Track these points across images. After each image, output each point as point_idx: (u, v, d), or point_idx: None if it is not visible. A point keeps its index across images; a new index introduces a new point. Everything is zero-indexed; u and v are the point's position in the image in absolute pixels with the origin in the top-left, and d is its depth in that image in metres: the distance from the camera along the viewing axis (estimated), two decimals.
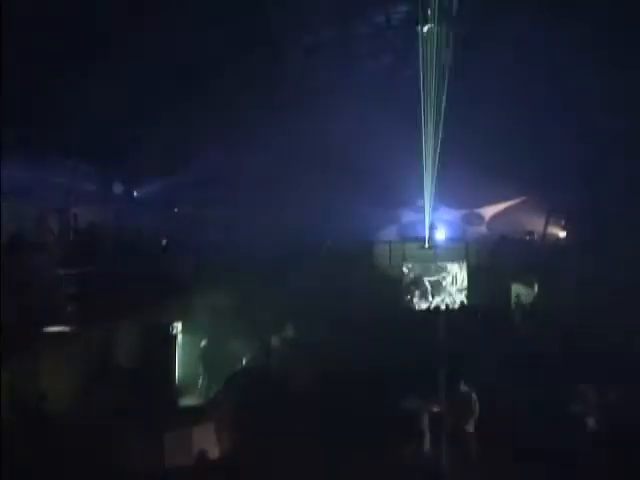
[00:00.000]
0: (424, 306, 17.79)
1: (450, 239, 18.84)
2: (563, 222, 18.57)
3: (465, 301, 17.75)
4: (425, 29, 12.94)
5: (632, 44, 11.96)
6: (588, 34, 12.13)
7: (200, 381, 12.57)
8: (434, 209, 18.14)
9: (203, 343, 12.79)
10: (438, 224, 18.72)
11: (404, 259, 18.36)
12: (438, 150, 15.08)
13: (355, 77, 14.84)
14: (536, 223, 18.67)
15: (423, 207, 17.78)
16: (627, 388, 8.81)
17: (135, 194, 16.26)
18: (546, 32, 12.35)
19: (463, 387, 8.70)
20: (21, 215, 10.74)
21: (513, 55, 13.67)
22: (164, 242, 14.66)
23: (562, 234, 18.59)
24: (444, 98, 13.98)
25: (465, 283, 18.03)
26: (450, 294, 18.11)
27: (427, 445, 8.69)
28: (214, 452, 8.31)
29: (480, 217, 19.81)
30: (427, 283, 18.29)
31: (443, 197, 17.67)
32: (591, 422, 8.21)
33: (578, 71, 13.11)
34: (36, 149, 11.19)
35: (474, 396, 8.57)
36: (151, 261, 12.69)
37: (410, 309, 17.75)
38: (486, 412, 8.58)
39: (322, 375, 10.35)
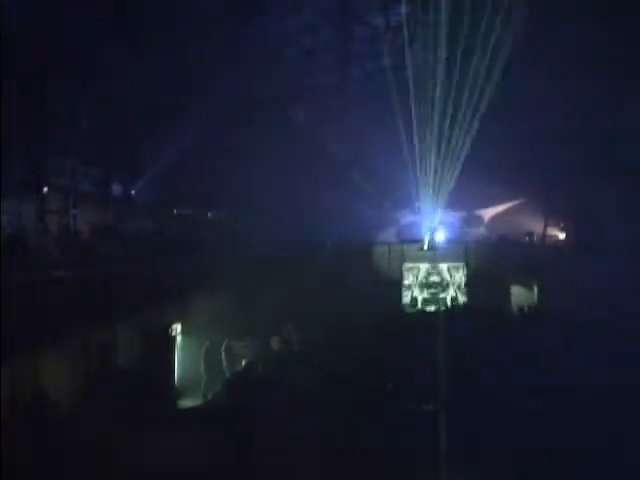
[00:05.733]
0: (423, 307, 17.79)
1: (449, 240, 18.84)
2: (562, 223, 18.62)
3: (464, 302, 17.75)
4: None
5: (633, 45, 12.01)
6: (590, 35, 12.17)
7: (202, 382, 12.57)
8: (433, 211, 18.16)
9: (205, 345, 12.80)
10: (437, 225, 18.73)
11: (403, 260, 18.36)
12: (437, 151, 15.11)
13: (355, 78, 14.88)
14: (535, 224, 18.69)
15: (422, 209, 17.80)
16: (626, 387, 8.82)
17: (134, 195, 16.25)
18: (546, 32, 12.39)
19: None
20: (21, 215, 10.74)
21: (513, 56, 13.69)
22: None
23: (561, 235, 18.64)
24: (444, 99, 14.00)
25: (464, 284, 18.03)
26: (449, 295, 18.10)
27: (427, 444, 8.67)
28: (213, 452, 8.30)
29: (480, 218, 19.83)
30: (426, 284, 18.29)
31: (442, 198, 17.68)
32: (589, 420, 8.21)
33: (579, 72, 13.14)
34: (36, 150, 11.21)
35: None
36: (150, 262, 12.68)
37: (409, 310, 17.74)
38: (486, 412, 8.59)
39: (322, 375, 10.35)
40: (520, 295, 16.72)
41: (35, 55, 9.11)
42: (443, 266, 18.23)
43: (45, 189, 11.80)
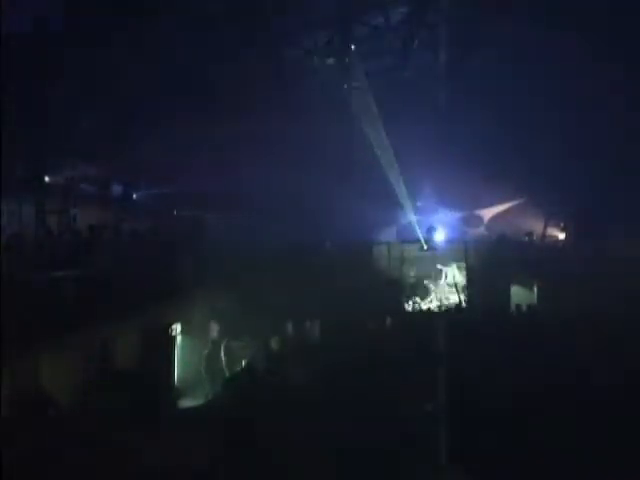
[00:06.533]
0: (423, 307, 17.78)
1: (449, 240, 18.83)
2: (562, 223, 18.63)
3: (464, 302, 17.74)
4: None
5: (632, 43, 12.02)
6: (587, 35, 12.19)
7: (204, 383, 12.59)
8: (433, 210, 18.16)
9: (207, 345, 12.83)
10: (437, 225, 18.73)
11: (403, 260, 18.35)
12: (437, 151, 15.13)
13: (355, 78, 14.88)
14: (535, 224, 18.70)
15: (422, 208, 17.82)
16: (626, 388, 8.81)
17: (134, 195, 16.26)
18: (546, 33, 12.41)
19: None
20: (21, 215, 10.75)
21: (513, 56, 13.72)
22: None
23: (561, 235, 18.65)
24: (443, 99, 14.04)
25: (464, 284, 18.02)
26: (449, 295, 18.10)
27: (427, 446, 8.67)
28: (213, 452, 8.29)
29: (479, 218, 19.83)
30: (426, 284, 18.29)
31: (442, 198, 17.71)
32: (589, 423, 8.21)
33: (578, 71, 13.16)
34: (36, 150, 11.22)
35: None
36: (150, 262, 12.69)
37: (409, 310, 17.73)
38: (485, 412, 8.58)
39: (322, 376, 10.34)
40: (520, 295, 16.71)
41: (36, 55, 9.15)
42: (443, 266, 18.23)
43: (45, 189, 11.83)
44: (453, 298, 17.99)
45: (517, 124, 15.38)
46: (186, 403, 11.70)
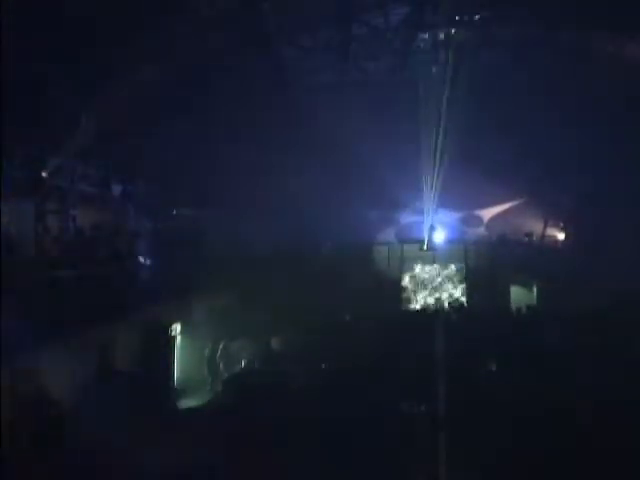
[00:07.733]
0: (423, 308, 17.79)
1: (449, 241, 18.83)
2: (562, 224, 18.64)
3: (464, 303, 17.76)
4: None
5: (632, 44, 12.02)
6: (587, 36, 12.20)
7: (206, 383, 12.62)
8: (433, 211, 18.14)
9: (207, 345, 12.85)
10: (437, 226, 18.73)
11: (403, 261, 18.37)
12: (437, 151, 15.12)
13: (355, 78, 14.89)
14: (535, 225, 18.71)
15: (422, 208, 17.80)
16: (625, 389, 8.83)
17: (134, 195, 16.20)
18: (546, 34, 12.42)
19: None
20: (21, 215, 10.74)
21: (513, 56, 13.72)
22: None
23: (561, 236, 18.66)
24: (443, 99, 14.03)
25: (464, 285, 18.03)
26: (449, 296, 18.11)
27: (426, 447, 8.67)
28: (213, 452, 8.31)
29: (479, 219, 19.83)
30: (426, 285, 18.30)
31: (442, 199, 17.67)
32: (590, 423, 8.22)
33: (578, 71, 13.16)
34: (36, 150, 11.21)
35: None
36: (150, 262, 12.71)
37: (409, 311, 17.75)
38: (485, 412, 8.60)
39: (321, 376, 10.37)
40: (519, 295, 16.73)
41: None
42: (442, 266, 18.24)
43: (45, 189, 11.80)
44: (453, 298, 18.01)
45: (517, 124, 15.39)
46: (186, 403, 11.74)
